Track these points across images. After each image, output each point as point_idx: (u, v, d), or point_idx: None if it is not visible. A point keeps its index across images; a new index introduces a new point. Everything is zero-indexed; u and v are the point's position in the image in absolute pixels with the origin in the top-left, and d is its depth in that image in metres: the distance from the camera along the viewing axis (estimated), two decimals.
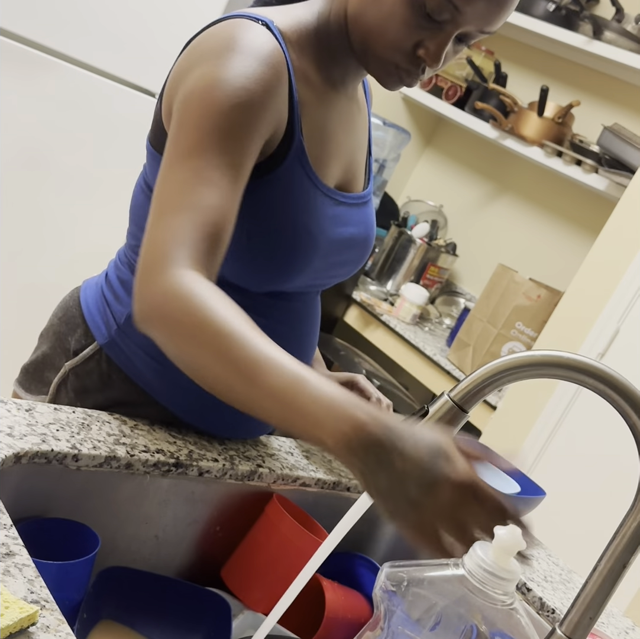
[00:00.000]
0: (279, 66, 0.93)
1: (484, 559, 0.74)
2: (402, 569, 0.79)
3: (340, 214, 1.06)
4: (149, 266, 0.83)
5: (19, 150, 2.26)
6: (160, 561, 1.03)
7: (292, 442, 1.20)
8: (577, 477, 2.17)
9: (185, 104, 0.91)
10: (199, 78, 0.91)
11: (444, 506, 0.70)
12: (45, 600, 0.69)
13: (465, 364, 2.53)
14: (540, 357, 0.81)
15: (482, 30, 0.94)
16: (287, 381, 0.73)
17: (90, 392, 1.09)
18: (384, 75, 0.98)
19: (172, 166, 0.89)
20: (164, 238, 0.84)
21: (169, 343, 0.82)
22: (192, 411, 1.08)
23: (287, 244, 1.00)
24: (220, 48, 0.91)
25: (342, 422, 0.70)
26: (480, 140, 3.03)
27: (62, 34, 2.21)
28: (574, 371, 0.78)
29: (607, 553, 0.79)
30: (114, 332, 1.07)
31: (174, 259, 0.82)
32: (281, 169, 0.97)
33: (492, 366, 0.81)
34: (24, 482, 0.88)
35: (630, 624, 1.21)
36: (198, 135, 0.88)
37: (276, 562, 1.02)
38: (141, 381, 1.07)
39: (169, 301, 0.80)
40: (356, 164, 1.12)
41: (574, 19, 2.69)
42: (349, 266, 1.13)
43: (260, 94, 0.90)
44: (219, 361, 0.77)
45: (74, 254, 2.40)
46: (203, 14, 2.29)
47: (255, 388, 0.75)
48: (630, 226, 2.18)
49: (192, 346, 0.79)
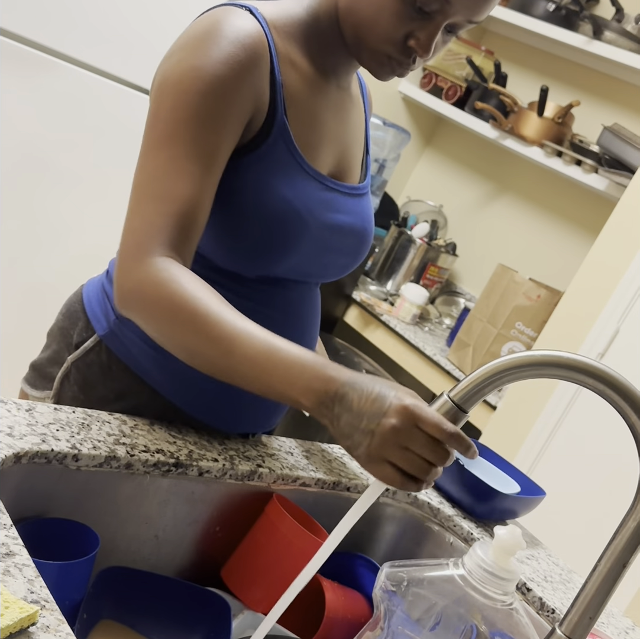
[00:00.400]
0: (256, 47, 0.95)
1: (484, 559, 0.74)
2: (402, 569, 0.79)
3: (331, 200, 1.06)
4: (127, 255, 0.90)
5: (18, 149, 2.26)
6: (160, 561, 1.03)
7: (292, 442, 1.20)
8: (577, 477, 2.17)
9: (159, 92, 0.95)
10: (175, 65, 0.94)
11: (388, 432, 0.77)
12: (45, 600, 0.69)
13: (465, 364, 2.53)
14: (540, 357, 0.81)
15: (470, 20, 0.98)
16: (261, 349, 0.83)
17: (93, 384, 1.10)
18: (376, 66, 1.01)
19: (147, 154, 0.93)
20: (139, 228, 0.91)
21: (149, 326, 0.90)
22: (191, 401, 1.09)
23: (273, 222, 1.00)
24: (199, 34, 0.95)
25: (314, 379, 0.81)
26: (480, 140, 3.03)
27: (61, 34, 2.21)
28: (574, 371, 0.78)
29: (606, 552, 0.79)
30: (113, 323, 1.09)
31: (149, 248, 0.89)
32: (264, 146, 0.99)
33: (492, 365, 0.81)
34: (24, 482, 0.88)
35: (630, 624, 1.21)
36: (172, 124, 0.92)
37: (276, 562, 1.02)
38: (140, 370, 1.08)
39: (147, 287, 0.87)
40: (351, 156, 1.12)
41: (574, 19, 2.69)
42: (345, 257, 1.12)
43: (233, 78, 0.93)
44: (198, 338, 0.85)
45: (73, 254, 2.40)
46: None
47: (232, 359, 0.84)
48: (630, 226, 2.18)
49: (171, 326, 0.87)
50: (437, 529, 1.21)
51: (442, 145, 3.28)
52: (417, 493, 1.21)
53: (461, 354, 2.56)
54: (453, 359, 2.59)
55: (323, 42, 1.03)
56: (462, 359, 2.55)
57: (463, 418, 0.82)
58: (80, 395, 1.10)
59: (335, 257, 1.11)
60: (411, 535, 1.21)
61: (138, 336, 1.07)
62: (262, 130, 0.98)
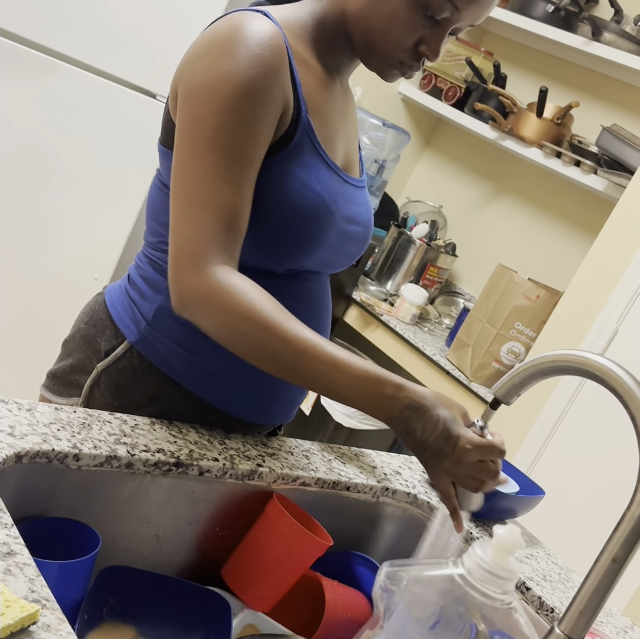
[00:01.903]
0: (279, 48, 0.99)
1: (483, 559, 0.74)
2: (401, 569, 0.79)
3: (347, 191, 1.12)
4: (184, 262, 0.95)
5: (21, 151, 2.26)
6: (160, 560, 1.03)
7: (292, 442, 1.20)
8: (576, 476, 2.17)
9: (193, 98, 0.96)
10: (205, 71, 0.96)
11: (461, 458, 0.90)
12: (46, 599, 0.69)
13: (465, 364, 2.53)
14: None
15: (472, 24, 1.05)
16: (326, 359, 0.91)
17: (126, 389, 1.12)
18: (385, 69, 1.06)
19: (189, 161, 0.96)
20: (191, 235, 0.95)
21: (213, 334, 0.96)
22: (223, 398, 1.12)
23: (306, 214, 1.04)
24: (224, 38, 0.96)
25: (383, 385, 0.90)
26: (479, 141, 3.04)
27: (64, 36, 2.21)
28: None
29: (605, 551, 0.79)
30: (144, 328, 1.11)
31: (206, 257, 0.94)
32: (292, 144, 1.03)
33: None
34: (25, 481, 0.88)
35: (629, 623, 1.21)
36: (212, 131, 0.94)
37: (276, 561, 1.02)
38: (173, 372, 1.11)
39: (213, 296, 0.93)
40: (352, 150, 1.18)
41: (573, 20, 2.70)
42: (355, 245, 1.18)
43: (264, 80, 0.96)
44: (264, 352, 0.93)
45: (74, 253, 2.40)
46: (204, 15, 2.29)
47: (300, 376, 0.92)
48: (629, 226, 2.18)
49: (237, 336, 0.94)
50: None
51: (442, 146, 3.28)
52: (417, 493, 1.21)
53: (460, 354, 2.56)
54: (452, 359, 2.59)
55: (328, 43, 1.08)
56: (461, 359, 2.55)
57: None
58: (114, 401, 1.12)
59: (349, 246, 1.16)
60: (411, 534, 1.21)
61: (171, 339, 1.10)
62: (290, 129, 1.02)
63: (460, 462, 0.91)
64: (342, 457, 1.23)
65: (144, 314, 1.11)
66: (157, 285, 1.11)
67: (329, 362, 0.91)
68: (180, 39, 2.42)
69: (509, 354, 2.47)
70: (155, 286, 1.11)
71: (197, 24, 2.33)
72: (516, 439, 2.28)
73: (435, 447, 0.90)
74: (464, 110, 2.98)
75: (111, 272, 2.47)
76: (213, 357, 1.09)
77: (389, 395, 0.90)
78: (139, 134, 2.34)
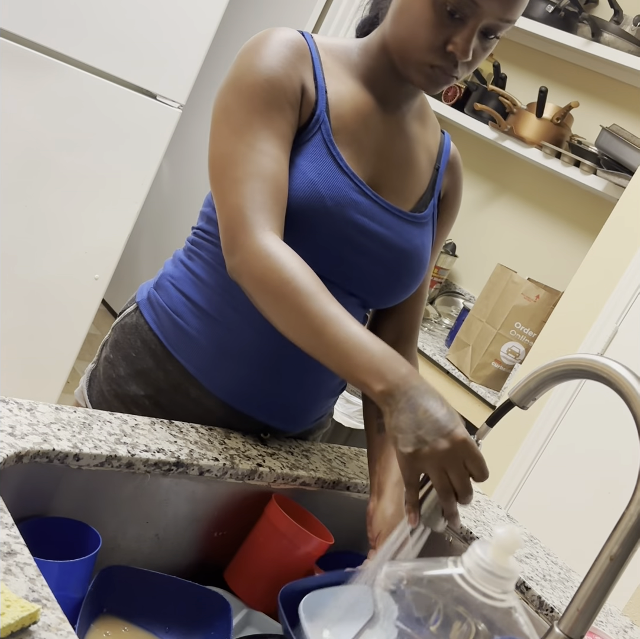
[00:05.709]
0: (298, 48, 1.10)
1: (483, 558, 0.74)
2: (401, 568, 0.80)
3: (365, 205, 1.11)
4: (235, 229, 1.00)
5: (21, 151, 2.26)
6: (160, 559, 1.03)
7: (292, 442, 1.20)
8: (576, 476, 2.17)
9: (225, 91, 1.08)
10: (235, 69, 1.09)
11: (439, 451, 0.85)
12: (46, 599, 0.69)
13: (465, 364, 2.53)
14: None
15: (503, 19, 1.03)
16: (347, 336, 0.92)
17: (121, 344, 1.21)
18: (423, 78, 1.08)
19: (227, 142, 1.05)
20: (242, 204, 1.00)
21: (255, 295, 1.00)
22: (206, 370, 1.15)
23: (295, 196, 1.06)
24: (252, 43, 1.10)
25: (389, 372, 0.89)
26: (479, 141, 3.04)
27: (64, 36, 2.21)
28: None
29: (604, 551, 0.79)
30: (151, 291, 1.22)
31: (256, 222, 0.99)
32: (302, 136, 1.09)
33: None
34: (26, 481, 0.88)
35: (629, 623, 1.22)
36: (245, 114, 1.05)
37: (276, 561, 1.02)
38: (161, 334, 1.17)
39: (257, 260, 0.98)
40: (395, 177, 1.16)
41: (572, 21, 2.70)
42: (380, 266, 1.14)
43: (282, 68, 1.07)
44: (295, 314, 0.95)
45: (74, 253, 2.40)
46: (204, 16, 2.30)
47: (320, 339, 0.93)
48: (628, 226, 2.18)
49: (274, 299, 0.97)
50: None
51: None
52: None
53: (460, 354, 2.57)
54: (452, 359, 2.59)
55: (373, 69, 1.14)
56: (461, 359, 2.55)
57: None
58: (111, 354, 1.22)
59: (365, 262, 1.13)
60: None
61: (166, 302, 1.18)
62: (306, 123, 1.09)
63: (450, 450, 0.85)
64: (342, 457, 1.23)
65: (156, 280, 1.23)
66: (176, 254, 1.22)
67: (354, 331, 0.93)
68: (180, 39, 2.42)
69: (508, 354, 2.48)
70: (175, 256, 1.22)
71: (198, 24, 2.34)
72: (516, 439, 2.28)
73: (437, 426, 0.85)
74: (464, 110, 2.98)
75: (111, 272, 2.47)
76: (202, 328, 1.15)
77: (402, 373, 0.89)
78: (139, 134, 2.34)
